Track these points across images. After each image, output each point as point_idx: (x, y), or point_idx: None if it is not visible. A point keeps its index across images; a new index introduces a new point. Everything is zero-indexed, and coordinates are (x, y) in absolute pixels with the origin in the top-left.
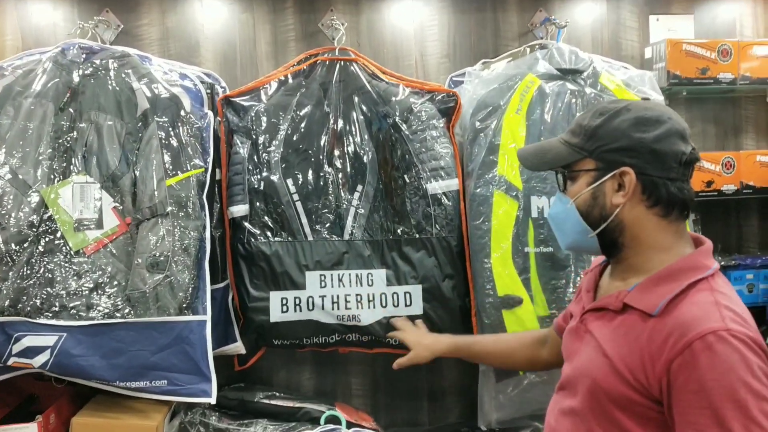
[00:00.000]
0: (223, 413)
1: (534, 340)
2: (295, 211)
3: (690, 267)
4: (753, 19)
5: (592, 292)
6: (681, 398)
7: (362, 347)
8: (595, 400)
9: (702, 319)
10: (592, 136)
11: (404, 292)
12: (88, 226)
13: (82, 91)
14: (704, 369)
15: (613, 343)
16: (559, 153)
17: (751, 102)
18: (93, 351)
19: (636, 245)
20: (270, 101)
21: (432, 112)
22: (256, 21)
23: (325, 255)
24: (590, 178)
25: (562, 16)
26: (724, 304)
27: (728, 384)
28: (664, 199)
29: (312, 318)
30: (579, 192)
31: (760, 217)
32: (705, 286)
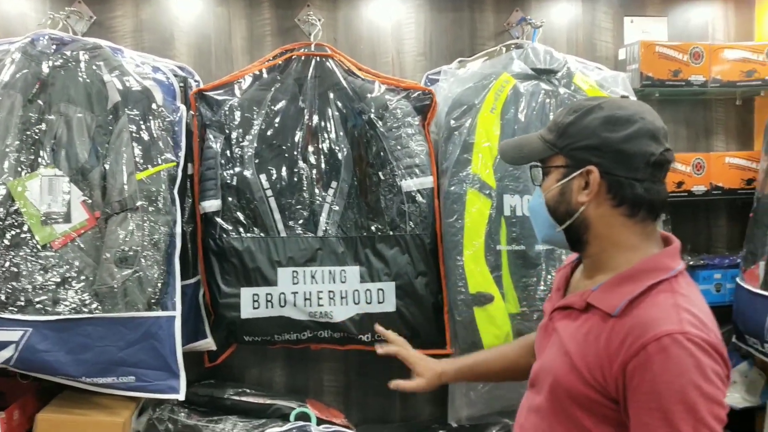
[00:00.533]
0: (192, 410)
1: (527, 345)
2: (269, 207)
3: (653, 268)
4: (724, 22)
5: (562, 291)
6: (635, 398)
7: (334, 344)
8: (556, 398)
9: (659, 321)
10: (563, 134)
11: (377, 289)
12: (56, 219)
13: (52, 83)
14: (657, 371)
15: (574, 342)
16: (535, 148)
17: (721, 104)
18: (59, 346)
19: (601, 243)
20: (244, 96)
21: (407, 110)
22: (231, 15)
23: (297, 251)
24: (559, 174)
25: (538, 17)
26: (684, 306)
27: (679, 386)
28: (629, 199)
29: (283, 314)
30: (549, 187)
31: (728, 218)
32: (666, 287)
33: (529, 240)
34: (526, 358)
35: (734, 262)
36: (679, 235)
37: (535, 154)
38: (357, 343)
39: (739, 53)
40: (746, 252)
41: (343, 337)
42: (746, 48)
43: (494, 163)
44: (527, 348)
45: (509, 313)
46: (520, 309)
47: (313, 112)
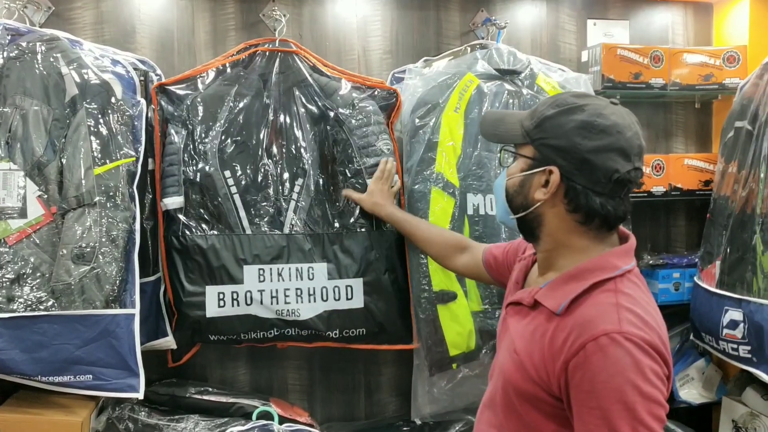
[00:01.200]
0: (153, 409)
1: (455, 246)
2: (233, 204)
3: (598, 267)
4: (684, 27)
5: (521, 284)
6: (576, 397)
7: (301, 341)
8: (506, 394)
9: (598, 321)
10: (539, 126)
11: (345, 285)
12: (11, 215)
13: (7, 75)
14: (596, 370)
15: (522, 340)
16: (510, 130)
17: (680, 107)
18: (14, 344)
19: (553, 241)
20: (207, 90)
21: (373, 108)
22: (195, 8)
23: (264, 249)
24: (525, 165)
25: (503, 17)
26: (625, 305)
27: (617, 386)
28: (583, 208)
29: (250, 313)
30: (513, 174)
31: (687, 218)
32: (610, 286)
33: (492, 239)
34: (442, 248)
35: (692, 261)
36: (639, 234)
37: (508, 137)
38: (324, 340)
39: (698, 57)
40: (703, 252)
41: (310, 335)
42: (704, 52)
43: (458, 162)
44: (452, 244)
45: (471, 311)
46: (482, 307)
47: (278, 108)
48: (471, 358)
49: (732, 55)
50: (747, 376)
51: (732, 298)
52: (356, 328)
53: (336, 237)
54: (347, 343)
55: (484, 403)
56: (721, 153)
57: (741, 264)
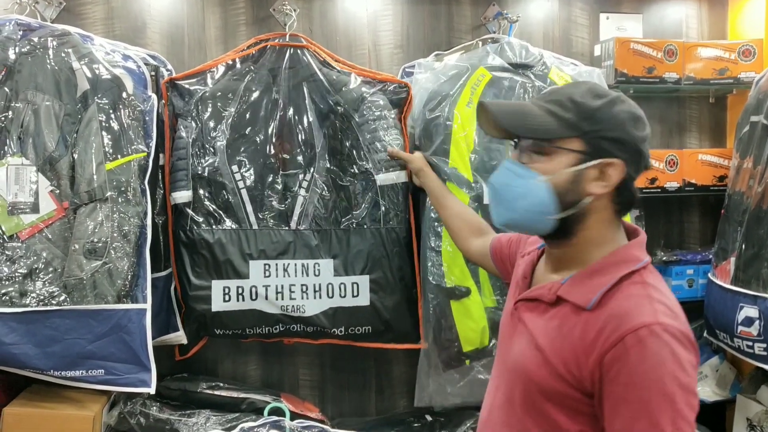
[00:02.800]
0: (164, 403)
1: (476, 228)
2: (240, 198)
3: (622, 260)
4: (698, 21)
5: (529, 279)
6: (612, 390)
7: (307, 338)
8: (527, 393)
9: (635, 313)
10: (589, 117)
11: (351, 282)
12: (24, 210)
13: (19, 70)
14: (635, 362)
15: (546, 336)
16: (546, 123)
17: (694, 102)
18: (26, 339)
19: (585, 236)
20: (217, 85)
21: (383, 103)
22: (205, 3)
23: (270, 244)
24: (574, 159)
25: (515, 11)
26: (657, 297)
27: (658, 377)
28: (627, 197)
29: (255, 308)
30: (555, 170)
31: (700, 214)
32: (637, 278)
33: None
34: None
35: (706, 257)
36: (652, 230)
37: (547, 131)
38: (330, 337)
39: (713, 51)
40: (718, 248)
41: (315, 331)
42: (719, 46)
43: (471, 157)
44: (473, 227)
45: (485, 307)
46: (495, 302)
47: (287, 103)
48: (484, 355)
49: (747, 48)
50: (762, 373)
51: (747, 294)
52: (362, 325)
53: (343, 233)
54: (353, 340)
55: (493, 404)
56: (736, 148)
57: (757, 260)
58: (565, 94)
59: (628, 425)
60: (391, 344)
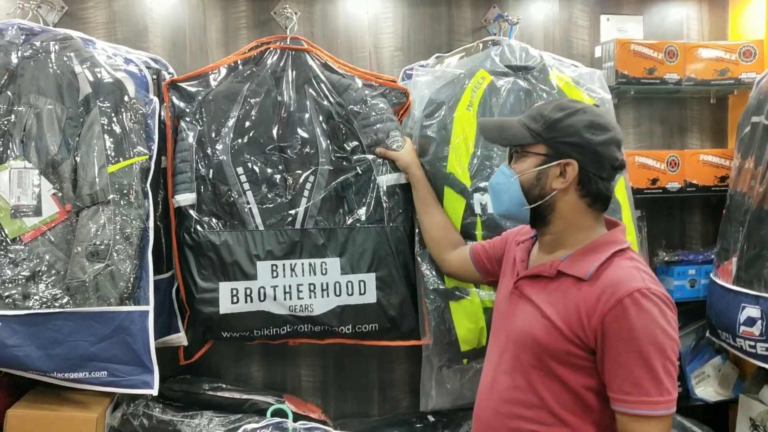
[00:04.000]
0: (167, 405)
1: (453, 241)
2: (246, 199)
3: (611, 240)
4: (699, 22)
5: (526, 262)
6: (613, 345)
7: (314, 338)
8: (535, 356)
9: (628, 280)
10: (550, 127)
11: (358, 280)
12: (26, 213)
13: (21, 74)
14: (633, 319)
15: (550, 305)
16: (518, 133)
17: (696, 103)
18: (29, 341)
19: (563, 223)
20: (219, 87)
21: (384, 106)
22: (206, 7)
23: (276, 244)
24: (538, 161)
25: (515, 13)
26: (642, 268)
27: (651, 331)
28: (593, 192)
29: (263, 309)
30: (525, 170)
31: (702, 215)
32: (625, 255)
33: None
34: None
35: (708, 258)
36: (654, 231)
37: (518, 138)
38: (337, 336)
39: (713, 52)
40: (719, 248)
41: (323, 331)
42: (720, 47)
43: (469, 161)
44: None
45: (484, 308)
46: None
47: (290, 105)
48: (482, 355)
49: (748, 49)
50: (765, 373)
51: (749, 294)
52: (369, 323)
53: (349, 232)
54: (360, 339)
55: (497, 371)
56: (737, 149)
57: (758, 260)
58: (538, 110)
59: (629, 372)
60: (397, 341)
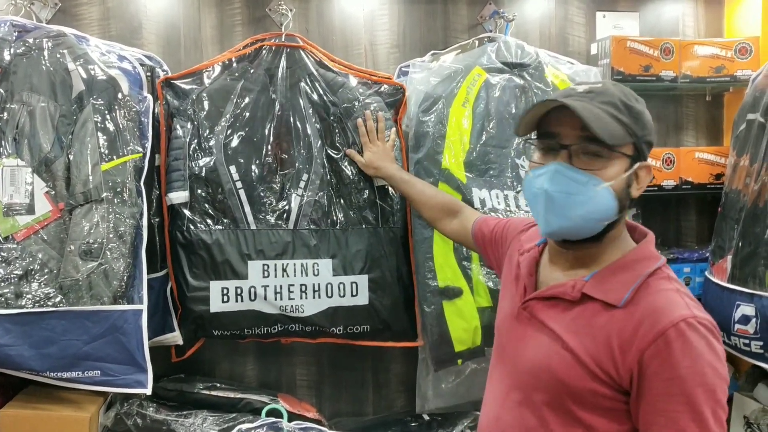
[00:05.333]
0: (161, 404)
1: (447, 209)
2: (238, 198)
3: (644, 257)
4: (694, 19)
5: (534, 277)
6: (654, 386)
7: (305, 337)
8: (551, 395)
9: (670, 308)
10: (638, 121)
11: (351, 282)
12: (19, 211)
13: (14, 71)
14: (678, 356)
15: (573, 335)
16: (616, 128)
17: (691, 100)
18: (22, 340)
19: (609, 237)
20: (213, 85)
21: (378, 105)
22: (201, 4)
23: (268, 244)
24: (627, 164)
25: (511, 10)
26: (684, 291)
27: (700, 369)
28: (636, 198)
29: (254, 308)
30: (616, 176)
31: (697, 213)
32: (662, 274)
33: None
34: (434, 212)
35: (703, 255)
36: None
37: (616, 137)
38: (328, 336)
39: (709, 49)
40: (714, 246)
41: (314, 331)
42: (716, 44)
43: (465, 157)
44: (443, 208)
45: (478, 307)
46: (491, 303)
47: (284, 103)
48: (476, 354)
49: (744, 46)
50: (759, 371)
51: (744, 292)
52: (360, 324)
53: (341, 233)
54: (351, 339)
55: (502, 408)
56: (732, 146)
57: (753, 258)
58: (614, 96)
59: (672, 420)
60: (389, 342)
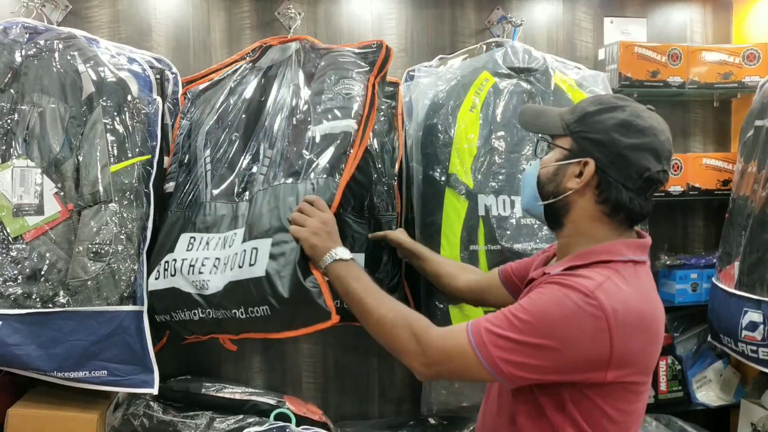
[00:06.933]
0: (168, 405)
1: (463, 269)
2: (205, 181)
3: (605, 251)
4: (702, 25)
5: (541, 270)
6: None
7: (229, 331)
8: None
9: (580, 280)
10: (580, 120)
11: (252, 248)
12: (28, 211)
13: (25, 73)
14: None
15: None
16: (549, 122)
17: (699, 106)
18: (30, 340)
19: (575, 228)
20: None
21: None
22: (210, 6)
23: (201, 217)
24: (560, 155)
25: (519, 15)
26: (616, 281)
27: (535, 296)
28: (612, 201)
29: (173, 285)
30: (548, 163)
31: (704, 219)
32: (611, 266)
33: (504, 240)
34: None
35: (710, 262)
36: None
37: (548, 128)
38: (240, 324)
39: (717, 55)
40: (722, 252)
41: (226, 318)
42: (724, 50)
43: (473, 163)
44: (475, 285)
45: (485, 311)
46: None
47: (268, 91)
48: None
49: (752, 52)
50: (766, 378)
51: (751, 299)
52: (258, 305)
53: (262, 194)
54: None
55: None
56: (740, 152)
57: (761, 265)
58: (582, 101)
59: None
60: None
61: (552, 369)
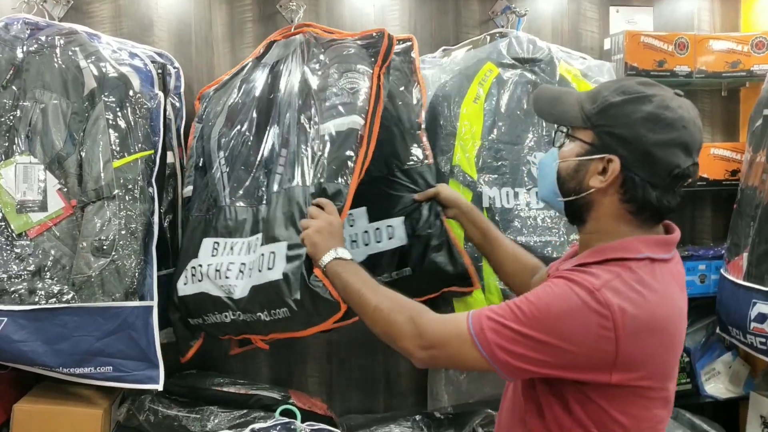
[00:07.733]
0: (173, 400)
1: (530, 270)
2: (222, 182)
3: (620, 247)
4: (710, 13)
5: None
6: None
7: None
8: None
9: (588, 278)
10: (602, 112)
11: (269, 252)
12: (32, 208)
13: (26, 69)
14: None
15: None
16: (568, 112)
17: (707, 95)
18: (35, 336)
19: (598, 226)
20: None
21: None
22: (212, 1)
23: (223, 222)
24: (582, 149)
25: (523, 5)
26: (626, 279)
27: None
28: (639, 200)
29: (203, 291)
30: (567, 157)
31: (713, 209)
32: (624, 264)
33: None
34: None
35: (719, 253)
36: None
37: (566, 118)
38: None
39: (725, 44)
40: (730, 243)
41: (255, 321)
42: (732, 39)
43: (476, 154)
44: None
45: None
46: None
47: (276, 87)
48: None
49: (760, 41)
50: None
51: (760, 290)
52: (277, 307)
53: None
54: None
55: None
56: (748, 142)
57: None
58: (600, 88)
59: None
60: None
61: (551, 364)
